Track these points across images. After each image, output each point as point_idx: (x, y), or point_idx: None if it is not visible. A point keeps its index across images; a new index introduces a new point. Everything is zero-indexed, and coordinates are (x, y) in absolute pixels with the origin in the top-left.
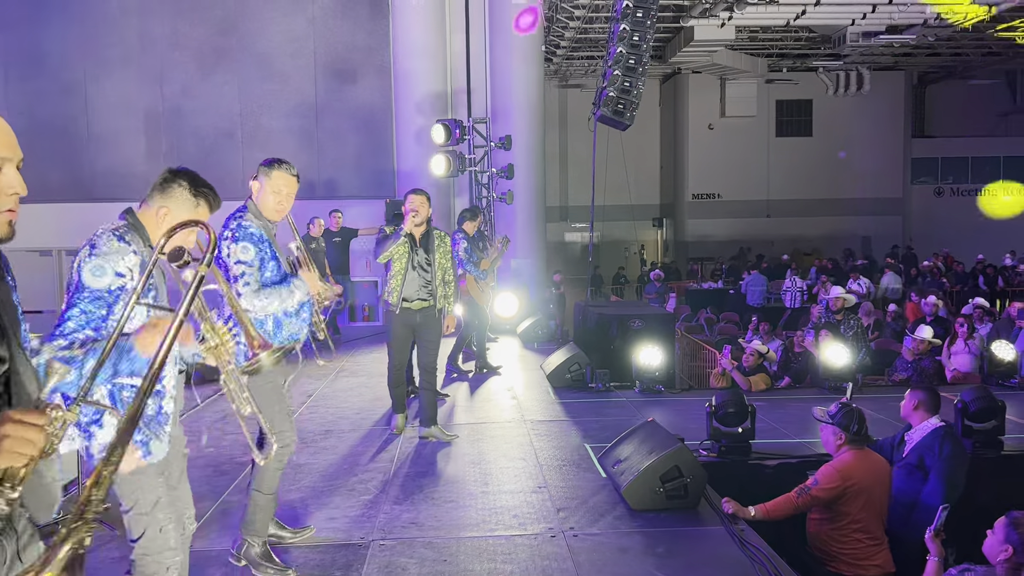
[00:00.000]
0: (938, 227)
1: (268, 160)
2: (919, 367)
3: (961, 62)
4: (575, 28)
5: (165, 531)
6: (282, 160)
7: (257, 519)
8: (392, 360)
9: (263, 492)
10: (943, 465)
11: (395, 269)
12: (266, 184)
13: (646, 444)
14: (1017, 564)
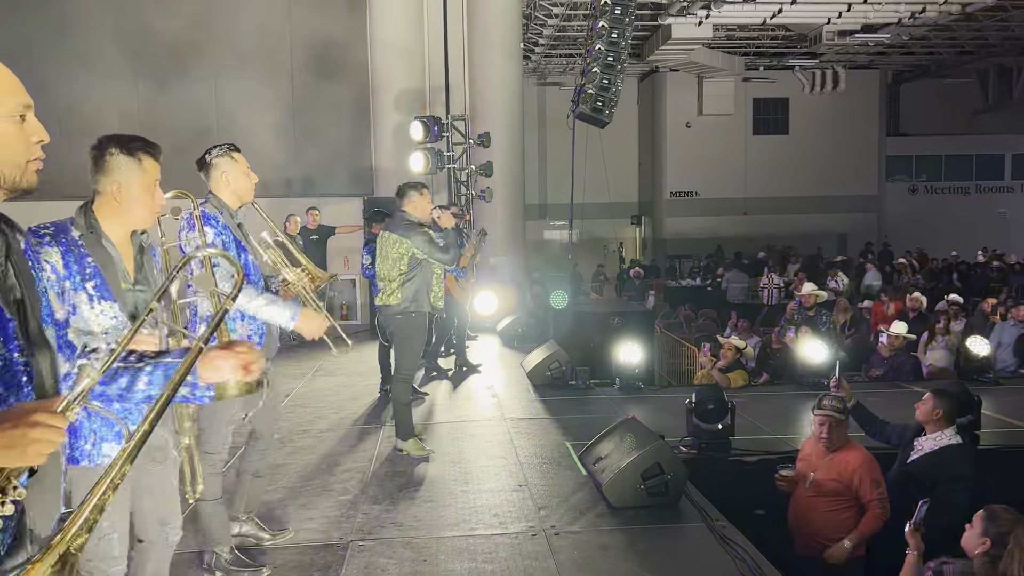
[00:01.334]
0: (912, 224)
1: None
2: (895, 363)
3: (934, 61)
4: (553, 26)
5: (107, 540)
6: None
7: (213, 528)
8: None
9: (207, 499)
10: (951, 487)
11: (438, 271)
12: (234, 169)
13: (626, 441)
14: (995, 557)
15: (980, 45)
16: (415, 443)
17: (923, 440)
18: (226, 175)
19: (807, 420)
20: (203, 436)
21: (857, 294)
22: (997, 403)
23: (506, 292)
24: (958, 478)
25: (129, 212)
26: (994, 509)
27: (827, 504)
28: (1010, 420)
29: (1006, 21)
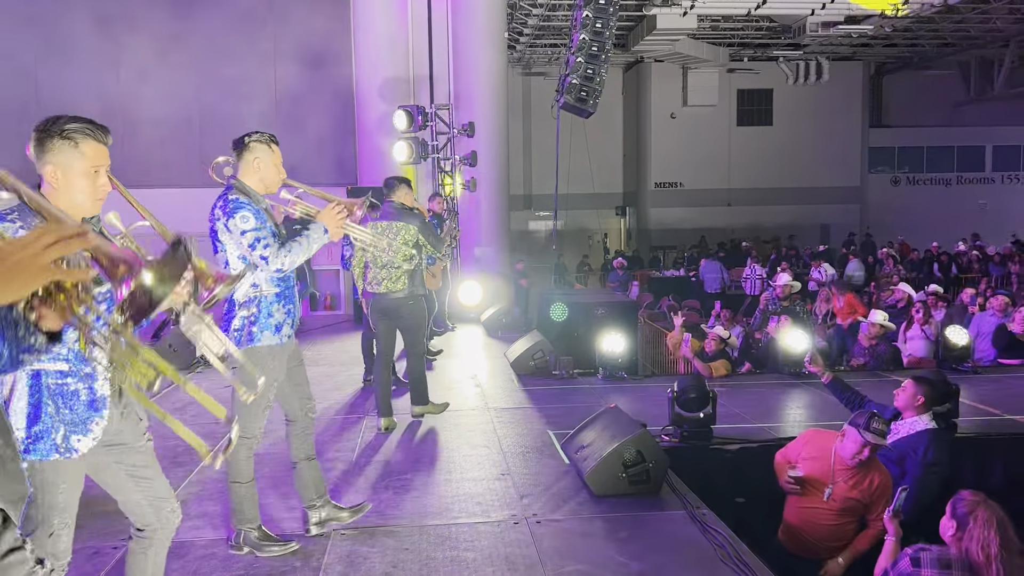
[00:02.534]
0: (894, 215)
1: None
2: (875, 352)
3: (917, 53)
4: (538, 16)
5: (56, 537)
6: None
7: (245, 508)
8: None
9: (241, 482)
10: (923, 471)
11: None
12: (269, 158)
13: (609, 430)
14: (960, 537)
15: (962, 37)
16: (431, 405)
17: (899, 424)
18: (259, 161)
19: (788, 409)
20: (241, 422)
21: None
22: (975, 392)
23: (490, 282)
24: (931, 462)
25: (67, 198)
26: (961, 493)
27: (838, 517)
28: (987, 408)
29: (987, 14)
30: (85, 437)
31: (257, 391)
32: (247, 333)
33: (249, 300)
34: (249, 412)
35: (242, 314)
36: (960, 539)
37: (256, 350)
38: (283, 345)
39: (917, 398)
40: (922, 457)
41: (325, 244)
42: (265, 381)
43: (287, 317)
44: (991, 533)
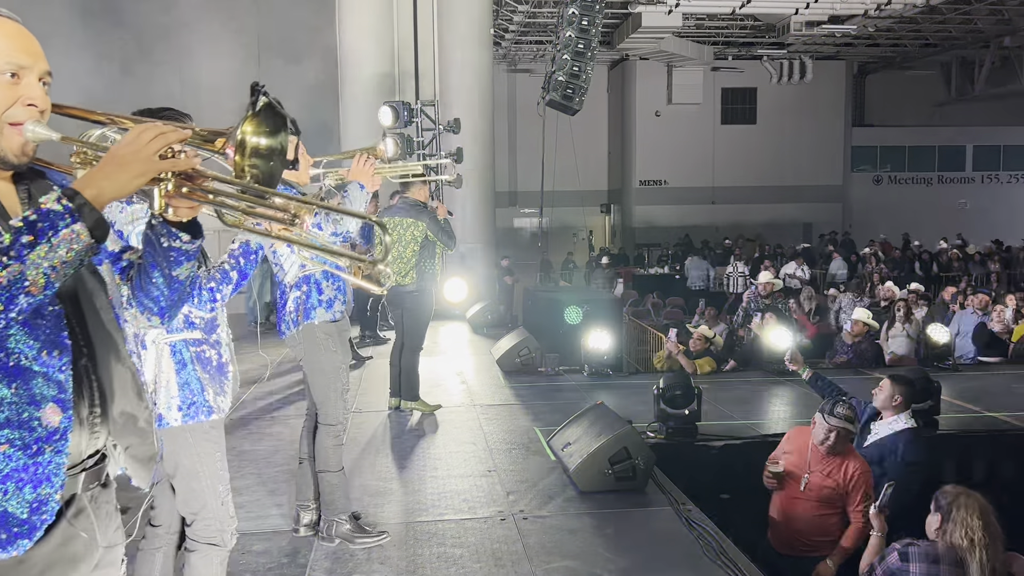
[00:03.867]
0: (876, 214)
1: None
2: (858, 349)
3: (899, 53)
4: (524, 12)
5: (226, 503)
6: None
7: (336, 498)
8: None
9: (332, 471)
10: (903, 470)
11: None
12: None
13: (595, 427)
14: (945, 529)
15: (943, 38)
16: (421, 402)
17: (879, 424)
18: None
19: (772, 405)
20: (321, 409)
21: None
22: (956, 389)
23: (476, 279)
24: (910, 461)
25: None
26: (943, 487)
27: (817, 508)
28: (968, 405)
29: (969, 15)
30: (224, 397)
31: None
32: (302, 312)
33: (299, 281)
34: (327, 399)
35: (294, 295)
36: (945, 531)
37: (311, 327)
38: (337, 322)
39: (895, 398)
40: (902, 457)
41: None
42: (331, 362)
43: (338, 293)
44: (973, 519)
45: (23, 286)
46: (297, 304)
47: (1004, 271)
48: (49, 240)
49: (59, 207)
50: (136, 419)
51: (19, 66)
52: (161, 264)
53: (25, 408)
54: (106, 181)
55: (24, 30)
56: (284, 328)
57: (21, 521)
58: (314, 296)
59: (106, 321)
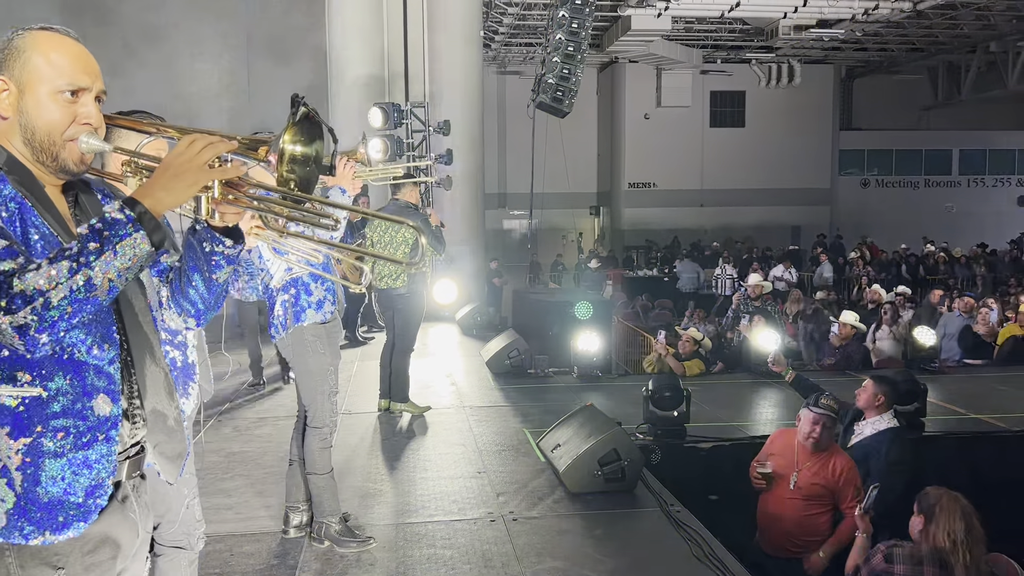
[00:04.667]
0: (864, 217)
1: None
2: (845, 352)
3: (886, 57)
4: (513, 15)
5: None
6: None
7: (324, 499)
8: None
9: (319, 473)
10: (886, 470)
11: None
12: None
13: (584, 428)
14: (928, 530)
15: (930, 43)
16: (411, 404)
17: (863, 424)
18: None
19: (760, 407)
20: (309, 411)
21: (810, 285)
22: (942, 391)
23: (465, 281)
24: (894, 460)
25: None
26: (926, 489)
27: (805, 507)
28: (954, 407)
29: (955, 20)
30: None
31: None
32: (292, 315)
33: (287, 284)
34: (314, 401)
35: (282, 299)
36: (928, 533)
37: (301, 329)
38: (327, 324)
39: (877, 397)
40: (885, 456)
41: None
42: (319, 364)
43: (327, 294)
44: (956, 520)
45: (92, 290)
46: (286, 307)
47: (989, 274)
48: (114, 247)
49: (122, 216)
50: (166, 417)
51: (79, 87)
52: (202, 268)
53: (79, 398)
54: (163, 191)
55: (84, 50)
56: (274, 332)
57: (78, 504)
58: (303, 298)
59: (143, 323)
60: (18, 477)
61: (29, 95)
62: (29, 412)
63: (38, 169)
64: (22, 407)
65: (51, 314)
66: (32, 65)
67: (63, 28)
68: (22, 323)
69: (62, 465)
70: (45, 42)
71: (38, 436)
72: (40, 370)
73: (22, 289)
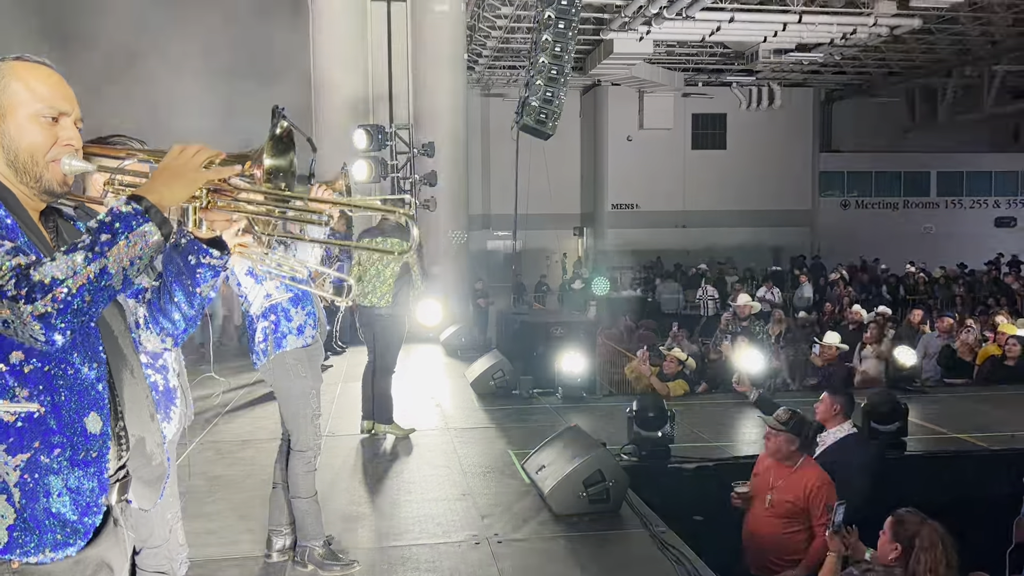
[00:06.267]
0: (844, 238)
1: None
2: (828, 372)
3: (865, 80)
4: (497, 38)
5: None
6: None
7: (307, 523)
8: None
9: (303, 497)
10: (852, 473)
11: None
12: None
13: (568, 449)
14: (905, 561)
15: (907, 66)
16: (395, 426)
17: (825, 435)
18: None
19: (745, 427)
20: (292, 435)
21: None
22: (923, 411)
23: (450, 302)
24: (859, 464)
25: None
26: (901, 514)
27: (781, 525)
28: (934, 427)
29: (931, 44)
30: (168, 424)
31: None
32: (273, 342)
33: (266, 311)
34: (297, 425)
35: (262, 325)
36: (907, 563)
37: (283, 355)
38: (309, 347)
39: (834, 407)
40: (850, 459)
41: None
42: (301, 387)
43: (308, 318)
44: (938, 555)
45: (107, 279)
46: (266, 334)
47: (968, 294)
48: (126, 237)
49: (129, 208)
50: (145, 441)
51: (60, 111)
52: (186, 282)
53: (73, 415)
54: (165, 188)
55: (61, 78)
56: (255, 359)
57: (73, 524)
58: (283, 324)
59: (123, 344)
60: (17, 493)
61: (10, 119)
62: (27, 428)
63: (21, 192)
64: (20, 422)
65: (71, 303)
66: (11, 90)
67: (39, 58)
68: (42, 312)
69: (59, 482)
70: (23, 70)
71: (36, 452)
72: (37, 386)
73: (40, 279)
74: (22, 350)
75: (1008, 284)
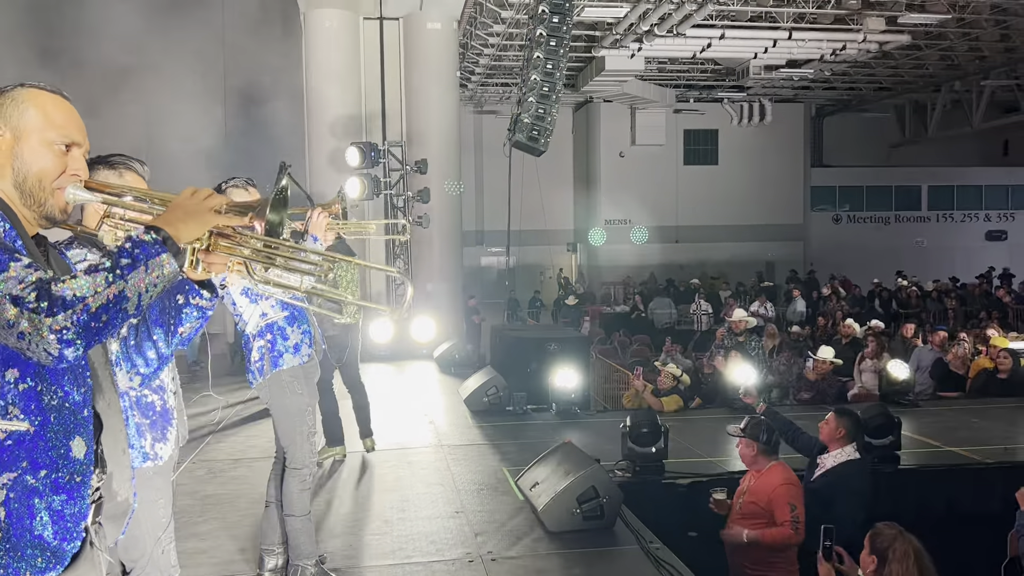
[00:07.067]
0: (835, 253)
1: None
2: (821, 386)
3: (855, 96)
4: (489, 55)
5: (167, 553)
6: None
7: (301, 542)
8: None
9: (296, 515)
10: (848, 500)
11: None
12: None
13: (562, 466)
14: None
15: (897, 82)
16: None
17: (825, 458)
18: None
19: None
20: (288, 453)
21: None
22: (916, 424)
23: (443, 318)
24: (855, 491)
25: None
26: (877, 527)
27: (750, 527)
28: (928, 440)
29: (920, 60)
30: (165, 445)
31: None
32: (269, 360)
33: (262, 330)
34: (293, 443)
35: (258, 344)
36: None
37: (279, 374)
38: (305, 365)
39: (839, 430)
40: (847, 487)
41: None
42: (296, 404)
43: (304, 336)
44: (909, 566)
45: (124, 303)
46: (262, 353)
47: (960, 308)
48: (145, 263)
49: (149, 237)
50: (112, 477)
51: (73, 141)
52: (169, 321)
53: (60, 437)
54: (181, 224)
55: (76, 112)
56: (251, 378)
57: (54, 548)
58: (279, 343)
59: (103, 377)
60: (2, 512)
61: (25, 143)
62: (15, 447)
63: (22, 215)
64: (9, 440)
65: (88, 322)
66: (30, 115)
67: (59, 88)
68: (61, 326)
69: (42, 505)
70: (43, 98)
71: (23, 472)
72: (29, 405)
73: (61, 294)
74: (18, 368)
75: (999, 297)
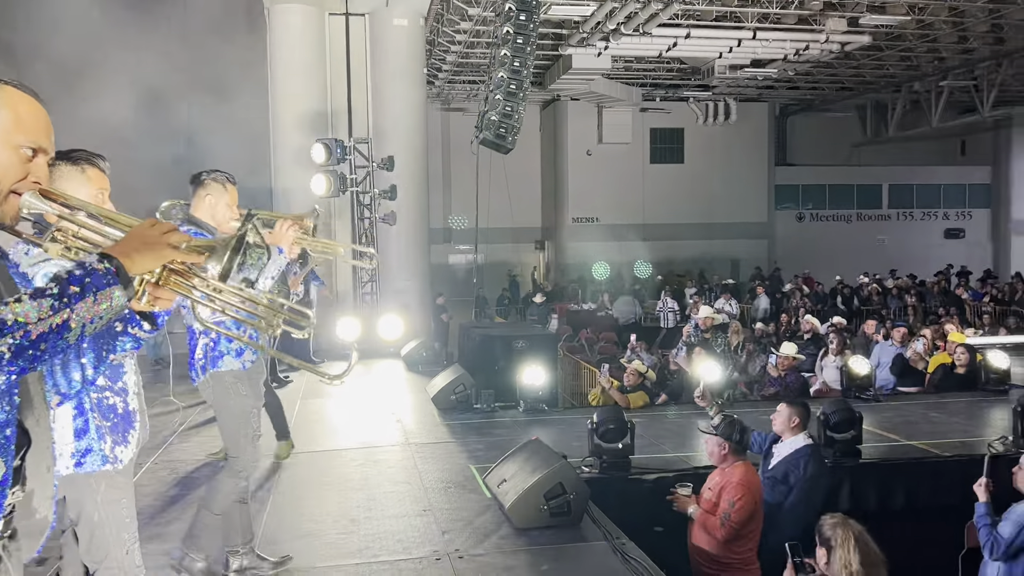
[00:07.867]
0: (799, 250)
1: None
2: (785, 382)
3: (818, 96)
4: (456, 52)
5: (131, 553)
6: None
7: (203, 536)
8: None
9: (212, 512)
10: (805, 484)
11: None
12: (222, 197)
13: (530, 463)
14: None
15: (859, 82)
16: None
17: (780, 446)
18: (211, 198)
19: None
20: (230, 454)
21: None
22: (877, 419)
23: (411, 316)
24: (812, 475)
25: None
26: (822, 519)
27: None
28: (888, 434)
29: (881, 60)
30: (126, 448)
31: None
32: (210, 359)
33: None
34: (236, 444)
35: (203, 341)
36: (829, 564)
37: (219, 375)
38: (247, 370)
39: (792, 419)
40: (803, 472)
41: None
42: (240, 406)
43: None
44: (850, 551)
45: (67, 333)
46: (205, 351)
47: (920, 304)
48: (94, 294)
49: (102, 267)
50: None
51: (39, 146)
52: (102, 346)
53: None
54: (137, 255)
55: (47, 115)
56: (193, 375)
57: None
58: (223, 343)
59: (34, 392)
60: None
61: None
62: None
63: None
64: None
65: (27, 349)
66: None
67: (32, 89)
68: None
69: None
70: (16, 98)
71: None
72: None
73: (2, 319)
74: None
75: (958, 294)
